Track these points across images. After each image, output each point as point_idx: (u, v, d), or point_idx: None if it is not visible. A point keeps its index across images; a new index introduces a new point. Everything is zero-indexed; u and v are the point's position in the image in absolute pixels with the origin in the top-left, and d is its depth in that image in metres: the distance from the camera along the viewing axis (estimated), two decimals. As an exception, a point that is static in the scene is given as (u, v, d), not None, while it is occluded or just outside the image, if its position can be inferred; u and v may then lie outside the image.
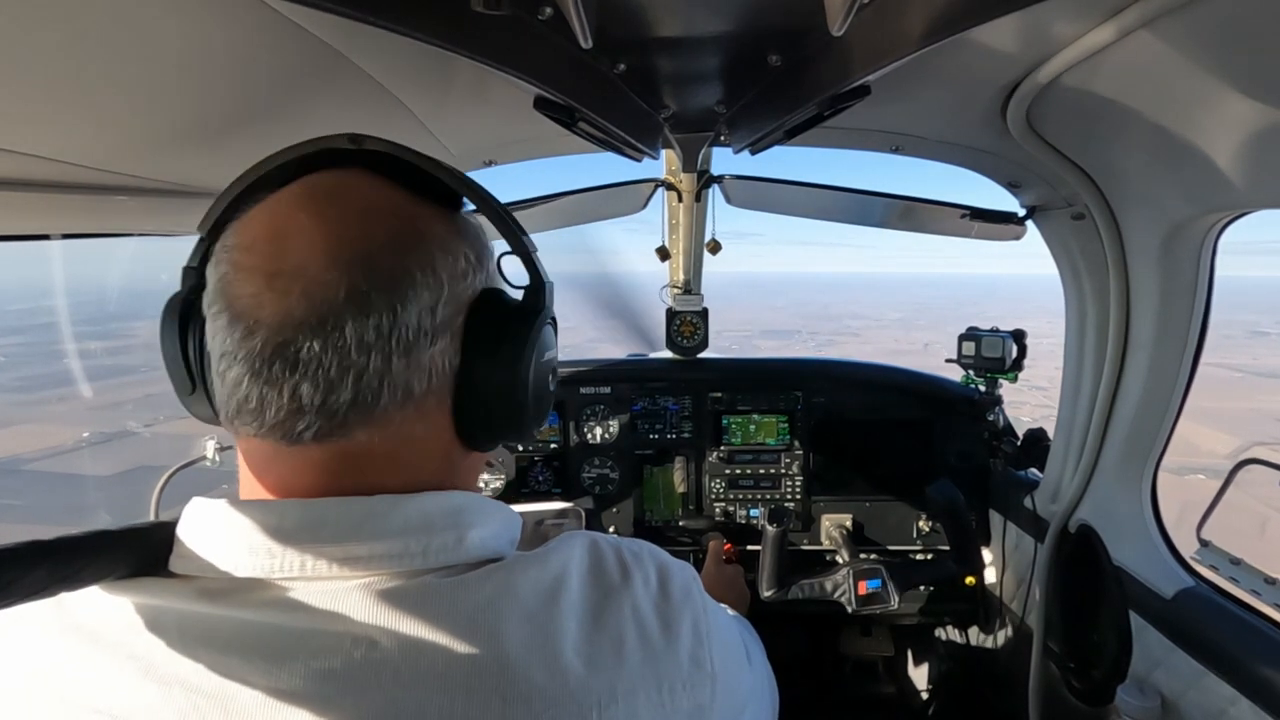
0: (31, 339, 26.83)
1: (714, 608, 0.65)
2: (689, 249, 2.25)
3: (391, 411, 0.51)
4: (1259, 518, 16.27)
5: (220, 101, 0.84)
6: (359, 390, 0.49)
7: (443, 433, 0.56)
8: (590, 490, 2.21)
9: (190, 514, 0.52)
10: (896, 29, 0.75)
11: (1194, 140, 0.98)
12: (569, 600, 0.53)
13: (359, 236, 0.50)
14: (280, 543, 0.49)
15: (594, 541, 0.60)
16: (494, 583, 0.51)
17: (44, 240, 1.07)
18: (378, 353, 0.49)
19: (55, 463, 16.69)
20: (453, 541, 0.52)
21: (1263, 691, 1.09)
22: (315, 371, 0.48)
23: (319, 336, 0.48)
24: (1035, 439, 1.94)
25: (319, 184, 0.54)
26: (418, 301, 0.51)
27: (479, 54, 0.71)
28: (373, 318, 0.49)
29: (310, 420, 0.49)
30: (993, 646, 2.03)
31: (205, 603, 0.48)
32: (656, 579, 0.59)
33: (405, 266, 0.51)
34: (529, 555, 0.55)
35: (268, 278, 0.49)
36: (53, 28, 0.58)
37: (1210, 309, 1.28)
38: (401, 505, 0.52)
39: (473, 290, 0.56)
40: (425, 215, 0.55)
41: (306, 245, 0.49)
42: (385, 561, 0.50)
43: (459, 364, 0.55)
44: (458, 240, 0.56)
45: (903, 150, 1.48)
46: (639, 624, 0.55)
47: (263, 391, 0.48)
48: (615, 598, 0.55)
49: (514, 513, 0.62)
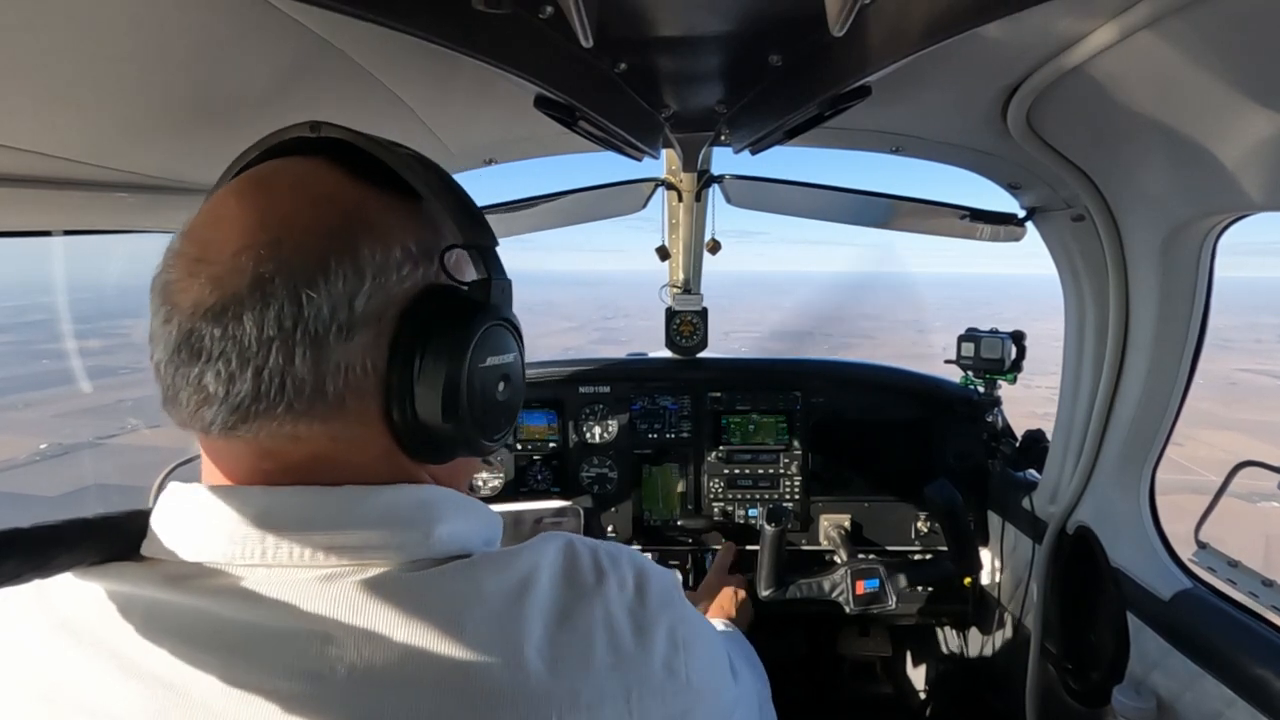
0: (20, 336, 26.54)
1: (696, 617, 0.62)
2: (689, 248, 2.25)
3: (299, 411, 0.48)
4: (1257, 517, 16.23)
5: (221, 98, 0.84)
6: (260, 385, 0.46)
7: (377, 438, 0.52)
8: (589, 489, 2.21)
9: (164, 498, 0.52)
10: (897, 29, 0.76)
11: (1194, 142, 0.98)
12: (537, 600, 0.51)
13: (277, 223, 0.48)
14: (243, 528, 0.48)
15: (570, 543, 0.58)
16: (459, 579, 0.49)
17: (45, 237, 1.07)
18: (279, 346, 0.46)
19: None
20: (419, 536, 0.50)
21: (1260, 693, 1.09)
22: (217, 361, 0.46)
23: (220, 324, 0.46)
24: (1034, 440, 1.94)
25: (261, 171, 0.53)
26: (329, 292, 0.47)
27: (480, 52, 0.71)
28: (274, 307, 0.46)
29: (215, 413, 0.47)
30: (990, 647, 2.04)
31: (169, 589, 0.47)
32: (634, 583, 0.57)
33: (319, 254, 0.48)
34: (498, 553, 0.53)
35: (190, 264, 0.48)
36: (55, 23, 0.58)
37: (1209, 311, 1.28)
38: (370, 496, 0.50)
39: (412, 285, 0.52)
40: (367, 203, 0.52)
41: (227, 231, 0.48)
42: (348, 553, 0.48)
43: (385, 364, 0.50)
44: (399, 231, 0.52)
45: (903, 151, 1.48)
46: (610, 628, 0.52)
47: (175, 380, 0.48)
48: (587, 600, 0.53)
49: (493, 513, 0.60)
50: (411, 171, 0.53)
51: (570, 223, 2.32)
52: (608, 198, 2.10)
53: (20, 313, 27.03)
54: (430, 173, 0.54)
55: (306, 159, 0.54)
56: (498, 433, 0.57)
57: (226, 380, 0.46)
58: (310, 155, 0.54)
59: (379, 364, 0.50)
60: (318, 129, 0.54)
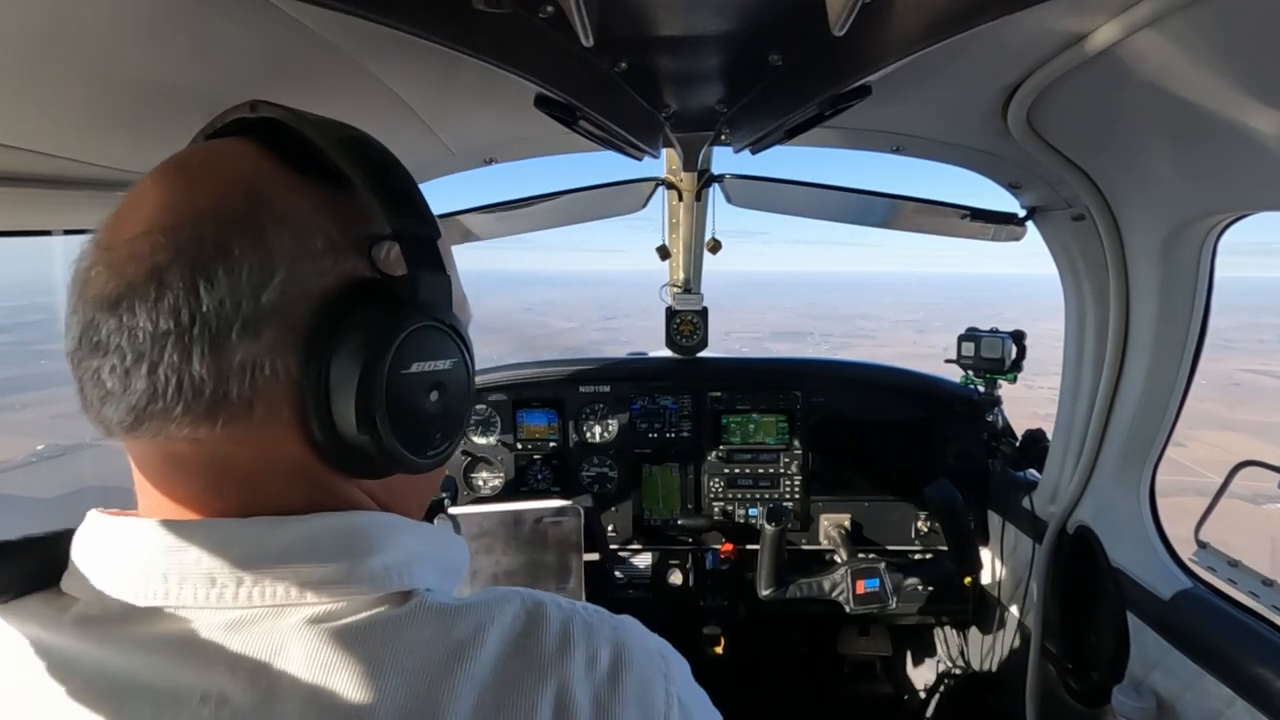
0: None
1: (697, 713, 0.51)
2: (689, 248, 2.25)
3: (198, 414, 0.42)
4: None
5: (221, 98, 0.83)
6: (155, 384, 0.41)
7: (293, 450, 0.46)
8: (589, 489, 2.21)
9: (82, 527, 0.47)
10: (897, 29, 0.76)
11: (1194, 142, 0.98)
12: (474, 667, 0.42)
13: (183, 206, 0.44)
14: (147, 566, 0.43)
15: (538, 604, 0.48)
16: (380, 633, 0.42)
17: (45, 236, 1.07)
18: (174, 342, 0.41)
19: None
20: (343, 572, 0.44)
21: (1260, 693, 1.09)
22: (113, 355, 0.42)
23: (115, 316, 0.41)
24: (1034, 440, 1.94)
25: (186, 153, 0.50)
26: (231, 284, 0.42)
27: (480, 52, 0.71)
28: (168, 298, 0.41)
29: (114, 411, 0.43)
30: (990, 647, 2.04)
31: (74, 634, 0.43)
32: (608, 661, 0.46)
33: (222, 240, 0.42)
34: (439, 605, 0.45)
35: (102, 251, 0.44)
36: (55, 23, 0.58)
37: (1210, 310, 1.28)
38: (283, 527, 0.44)
39: (333, 279, 0.46)
40: (284, 188, 0.47)
41: (137, 216, 0.44)
42: (261, 593, 0.42)
43: (297, 366, 0.44)
44: (320, 218, 0.46)
45: (903, 150, 1.48)
46: (562, 712, 0.43)
47: (79, 373, 0.44)
48: (538, 674, 0.44)
49: (450, 537, 0.53)
50: (343, 154, 0.47)
51: (570, 222, 2.32)
52: (608, 197, 2.10)
53: (19, 313, 26.93)
54: (367, 157, 0.49)
55: (232, 140, 0.50)
56: (430, 449, 0.50)
57: (122, 376, 0.42)
58: (241, 137, 0.50)
59: (290, 365, 0.44)
60: (255, 109, 0.50)
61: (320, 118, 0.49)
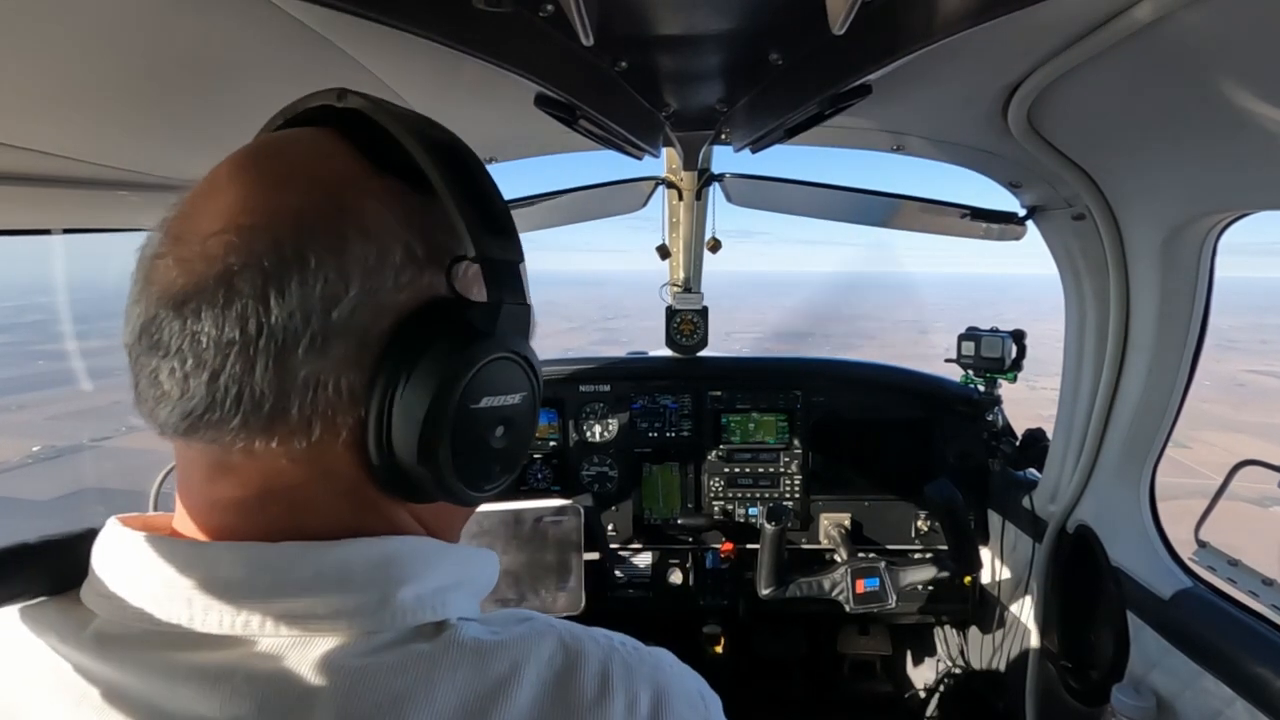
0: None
1: None
2: (689, 247, 2.25)
3: (256, 428, 0.41)
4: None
5: (221, 97, 0.84)
6: (214, 393, 0.40)
7: (347, 469, 0.44)
8: (590, 488, 2.21)
9: (102, 536, 0.45)
10: (898, 28, 0.75)
11: (1194, 141, 0.98)
12: (509, 713, 0.40)
13: (261, 206, 0.41)
14: (169, 589, 0.41)
15: (575, 640, 0.46)
16: (409, 674, 0.40)
17: (45, 235, 1.07)
18: (239, 352, 0.39)
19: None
20: (376, 601, 0.42)
21: (1259, 692, 1.09)
22: (173, 358, 0.40)
23: (180, 317, 0.40)
24: (1034, 439, 1.94)
25: (266, 141, 0.48)
26: (303, 295, 0.40)
27: (481, 51, 0.71)
28: (236, 305, 0.39)
29: (169, 414, 0.41)
30: (990, 646, 2.04)
31: (93, 652, 0.42)
32: (648, 707, 0.45)
33: (300, 248, 0.40)
34: (473, 640, 0.43)
35: (172, 243, 0.42)
36: (56, 22, 0.58)
37: (1210, 310, 1.28)
38: (314, 554, 0.42)
39: (410, 296, 0.44)
40: (369, 192, 0.44)
41: (213, 208, 0.42)
42: (288, 622, 0.40)
43: (364, 386, 0.42)
44: (402, 228, 0.44)
45: (904, 150, 1.48)
46: None
47: (136, 369, 0.42)
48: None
49: (480, 556, 0.51)
50: (432, 159, 0.44)
51: (571, 221, 2.32)
52: (608, 196, 2.10)
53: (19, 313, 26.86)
54: (456, 162, 0.46)
55: (316, 130, 0.47)
56: (488, 483, 0.48)
57: (181, 380, 0.40)
58: (323, 127, 0.47)
59: (355, 384, 0.42)
60: (343, 97, 0.47)
61: (409, 113, 0.47)
